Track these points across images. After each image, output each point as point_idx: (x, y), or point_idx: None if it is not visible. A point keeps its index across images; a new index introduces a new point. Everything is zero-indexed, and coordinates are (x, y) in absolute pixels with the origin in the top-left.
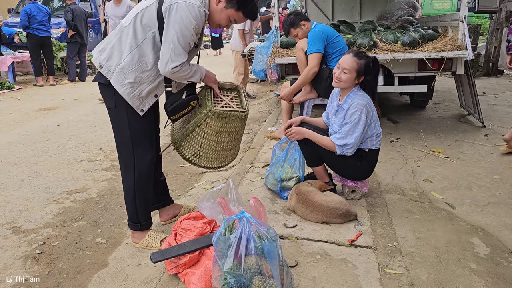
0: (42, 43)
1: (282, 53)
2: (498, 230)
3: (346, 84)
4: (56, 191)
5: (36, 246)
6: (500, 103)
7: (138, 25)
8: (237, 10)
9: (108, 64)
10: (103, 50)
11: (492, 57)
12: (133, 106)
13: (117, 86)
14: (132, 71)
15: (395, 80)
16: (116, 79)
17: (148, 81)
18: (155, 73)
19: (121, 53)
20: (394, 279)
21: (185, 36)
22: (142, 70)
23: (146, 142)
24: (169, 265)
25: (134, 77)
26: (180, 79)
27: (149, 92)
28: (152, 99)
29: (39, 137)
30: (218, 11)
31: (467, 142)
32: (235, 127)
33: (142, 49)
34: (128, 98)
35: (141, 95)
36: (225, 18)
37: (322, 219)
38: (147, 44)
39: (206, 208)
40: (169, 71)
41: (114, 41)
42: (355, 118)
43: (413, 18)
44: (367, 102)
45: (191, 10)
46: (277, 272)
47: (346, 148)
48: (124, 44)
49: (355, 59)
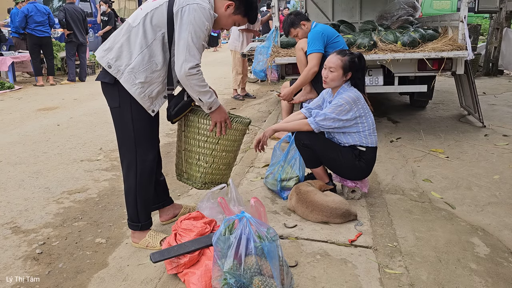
0: (42, 43)
1: (282, 53)
2: (498, 230)
3: (334, 82)
4: (56, 191)
5: (36, 246)
6: (500, 103)
7: (148, 25)
8: (244, 16)
9: (118, 64)
10: (110, 49)
11: (492, 57)
12: (144, 107)
13: (127, 86)
14: (143, 71)
15: (395, 80)
16: (126, 79)
17: (158, 81)
18: (164, 73)
19: (130, 53)
20: (394, 279)
21: (199, 37)
22: (152, 70)
23: (149, 142)
24: (169, 265)
25: (145, 77)
26: (194, 87)
27: (158, 93)
28: (161, 100)
29: (39, 137)
30: (226, 16)
31: (467, 142)
32: (236, 136)
33: (152, 49)
34: (139, 98)
35: (152, 95)
36: (231, 23)
37: (322, 219)
38: (157, 45)
39: (206, 208)
40: (185, 72)
41: (122, 41)
42: (336, 102)
43: (413, 18)
44: (356, 96)
45: (203, 12)
46: (277, 272)
47: (317, 117)
48: (133, 44)
49: (338, 56)
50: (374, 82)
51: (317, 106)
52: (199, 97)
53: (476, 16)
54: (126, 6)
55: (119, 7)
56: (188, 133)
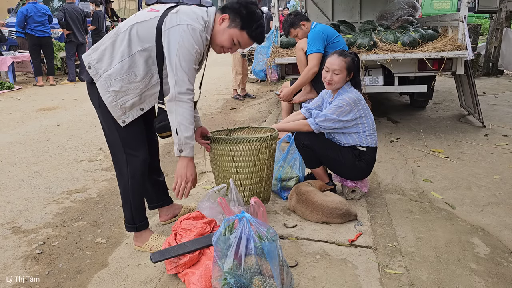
0: (41, 44)
1: (282, 53)
2: (498, 230)
3: (339, 84)
4: (56, 191)
5: (36, 246)
6: (500, 103)
7: (134, 35)
8: (241, 29)
9: (97, 66)
10: (95, 50)
11: (492, 57)
12: (114, 116)
13: (101, 91)
14: (118, 80)
15: (395, 80)
16: (102, 84)
17: (135, 93)
18: (144, 86)
19: (111, 58)
20: (394, 279)
21: (188, 60)
22: (129, 80)
23: (137, 142)
24: (169, 265)
25: (120, 86)
26: (177, 115)
27: (133, 104)
28: (137, 112)
29: (39, 137)
30: (221, 31)
31: (467, 142)
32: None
33: (134, 60)
34: (110, 106)
35: (124, 106)
36: (228, 39)
37: (322, 219)
38: (141, 56)
39: (206, 208)
40: (174, 96)
41: (107, 44)
42: (337, 104)
43: (413, 18)
44: (357, 97)
45: (192, 34)
46: (277, 272)
47: (317, 118)
48: (116, 50)
49: (341, 58)
50: (374, 82)
51: (316, 106)
52: (177, 129)
53: (476, 16)
54: (126, 6)
55: (119, 7)
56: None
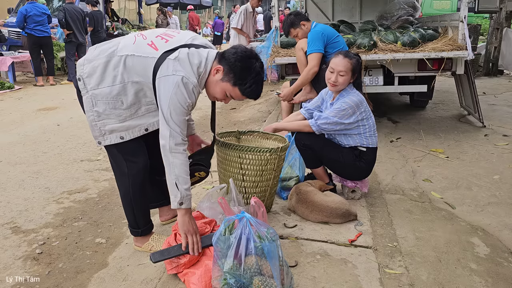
0: (41, 43)
1: (282, 53)
2: (498, 230)
3: (343, 86)
4: (56, 191)
5: (36, 246)
6: (500, 103)
7: (130, 66)
8: (233, 85)
9: (87, 81)
10: (89, 62)
11: (492, 57)
12: (92, 134)
13: (85, 107)
14: (104, 103)
15: (395, 80)
16: (87, 100)
17: (117, 119)
18: (128, 115)
19: (101, 78)
20: (394, 279)
21: (179, 114)
22: (115, 106)
23: (135, 150)
24: (169, 265)
25: (104, 109)
26: (174, 168)
27: (113, 130)
28: (116, 138)
29: (39, 137)
30: (213, 82)
31: (467, 142)
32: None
33: (125, 88)
34: (90, 124)
35: (104, 128)
36: (220, 92)
37: (322, 219)
38: (133, 86)
39: (206, 208)
40: (170, 147)
41: (101, 62)
42: (339, 107)
43: (413, 18)
44: (359, 100)
45: (186, 88)
46: (277, 272)
47: (319, 120)
48: (108, 72)
49: (347, 59)
50: (374, 82)
51: (316, 107)
52: (176, 182)
53: (476, 16)
54: (126, 6)
55: (119, 7)
56: (247, 171)
